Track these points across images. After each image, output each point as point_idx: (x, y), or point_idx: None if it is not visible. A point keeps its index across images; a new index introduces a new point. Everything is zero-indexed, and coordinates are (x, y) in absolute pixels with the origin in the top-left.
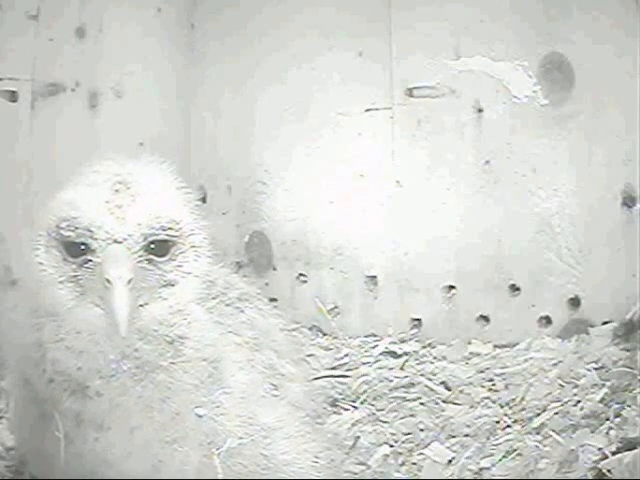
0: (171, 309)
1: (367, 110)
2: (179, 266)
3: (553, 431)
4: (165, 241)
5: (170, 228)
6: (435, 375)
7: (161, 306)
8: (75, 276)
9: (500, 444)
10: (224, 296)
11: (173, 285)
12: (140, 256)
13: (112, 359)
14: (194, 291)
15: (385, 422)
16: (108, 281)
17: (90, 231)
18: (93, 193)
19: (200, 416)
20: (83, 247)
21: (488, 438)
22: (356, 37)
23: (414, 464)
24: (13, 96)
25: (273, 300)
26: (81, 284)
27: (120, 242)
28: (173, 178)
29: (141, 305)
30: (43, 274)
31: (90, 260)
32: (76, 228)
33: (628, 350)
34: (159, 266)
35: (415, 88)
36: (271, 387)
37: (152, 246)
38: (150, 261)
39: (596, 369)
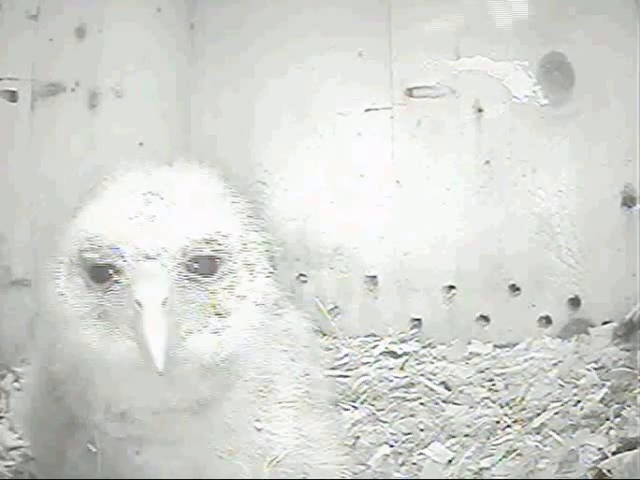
0: (222, 347)
1: (367, 110)
2: (230, 287)
3: (553, 431)
4: (211, 257)
5: (215, 241)
6: (435, 375)
7: (211, 340)
8: (101, 305)
9: (500, 444)
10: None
11: (225, 316)
12: (179, 273)
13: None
14: (251, 323)
15: (385, 422)
16: (139, 303)
17: (117, 248)
18: (120, 206)
19: (259, 430)
20: (110, 270)
21: (488, 438)
22: (356, 37)
23: (414, 464)
24: (13, 96)
25: None
26: (108, 314)
27: (153, 258)
28: (217, 183)
29: (183, 334)
30: (64, 307)
31: (117, 282)
32: (100, 247)
33: (628, 350)
34: (204, 287)
35: (415, 88)
36: (310, 395)
37: (195, 265)
38: (193, 280)
39: (596, 369)
